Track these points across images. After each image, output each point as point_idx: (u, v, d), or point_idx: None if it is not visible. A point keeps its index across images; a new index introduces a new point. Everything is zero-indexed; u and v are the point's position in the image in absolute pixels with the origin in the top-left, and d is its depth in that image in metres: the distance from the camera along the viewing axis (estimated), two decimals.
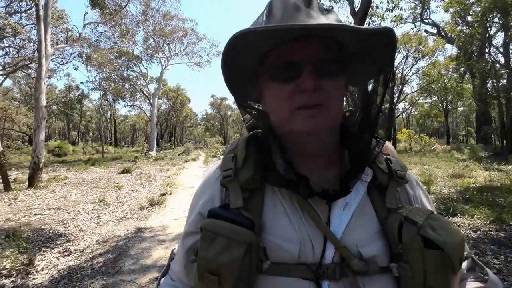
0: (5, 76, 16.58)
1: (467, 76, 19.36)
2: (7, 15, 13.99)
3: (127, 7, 15.54)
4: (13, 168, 11.18)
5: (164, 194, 6.49)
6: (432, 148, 17.41)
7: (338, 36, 0.46)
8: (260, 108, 0.58)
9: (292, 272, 0.45)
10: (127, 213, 5.09)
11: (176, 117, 41.09)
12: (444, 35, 20.75)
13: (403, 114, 40.89)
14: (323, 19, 0.45)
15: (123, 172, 10.58)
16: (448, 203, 4.28)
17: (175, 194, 6.75)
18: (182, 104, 38.99)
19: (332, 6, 0.53)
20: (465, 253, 0.43)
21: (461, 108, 35.73)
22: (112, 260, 3.13)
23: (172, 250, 0.65)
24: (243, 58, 0.49)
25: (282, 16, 0.45)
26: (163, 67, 23.07)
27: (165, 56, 23.28)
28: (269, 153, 0.51)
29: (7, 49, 16.16)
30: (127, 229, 4.22)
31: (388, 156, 0.54)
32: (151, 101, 22.62)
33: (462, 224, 3.66)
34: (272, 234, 0.47)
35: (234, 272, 0.42)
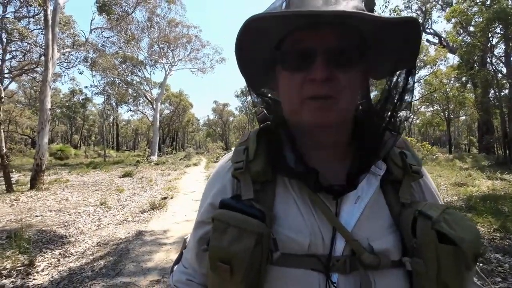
0: (10, 79, 16.78)
1: (469, 85, 19.40)
2: (16, 20, 14.28)
3: (133, 14, 15.81)
4: (14, 171, 11.20)
5: (165, 198, 6.48)
6: (434, 156, 17.32)
7: (357, 23, 0.43)
8: (273, 97, 0.58)
9: (302, 263, 0.45)
10: (128, 216, 5.08)
11: (178, 122, 41.25)
12: (445, 44, 20.91)
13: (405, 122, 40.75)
14: (342, 5, 0.42)
15: (124, 176, 10.59)
16: None
17: (176, 198, 6.73)
18: (184, 110, 39.19)
19: None
20: (481, 250, 0.42)
21: (463, 117, 35.69)
22: (112, 262, 3.12)
23: (185, 239, 0.65)
24: (259, 44, 0.48)
25: (299, 0, 0.43)
26: (167, 73, 23.29)
27: (168, 62, 23.52)
28: (280, 145, 0.51)
29: (13, 53, 16.46)
30: (128, 232, 4.20)
31: (403, 150, 0.53)
32: (154, 106, 22.76)
33: None
34: (282, 225, 0.47)
35: (245, 261, 0.42)
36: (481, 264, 2.66)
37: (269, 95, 0.59)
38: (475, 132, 32.01)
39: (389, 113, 0.50)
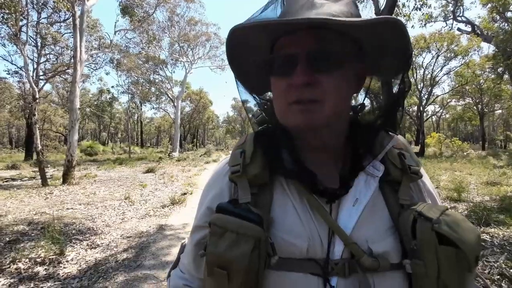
0: (45, 81, 18.02)
1: (506, 76, 17.91)
2: (48, 25, 15.26)
3: (154, 14, 16.28)
4: (49, 166, 12.08)
5: (185, 194, 6.67)
6: (465, 153, 16.28)
7: (339, 27, 0.43)
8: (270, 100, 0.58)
9: (300, 268, 0.45)
10: (150, 210, 5.30)
11: (199, 119, 42.16)
12: (479, 33, 19.37)
13: (433, 117, 38.80)
14: (328, 7, 0.43)
15: (147, 171, 11.02)
16: (480, 212, 3.98)
17: (195, 193, 6.91)
18: (204, 107, 39.93)
19: None
20: (481, 252, 0.43)
21: (499, 111, 33.13)
22: (134, 254, 3.28)
23: (182, 243, 0.65)
24: (252, 52, 0.49)
25: (285, 9, 0.45)
26: (187, 71, 23.81)
27: (189, 60, 24.02)
28: (278, 148, 0.51)
29: (47, 56, 17.62)
30: (149, 225, 4.39)
31: (401, 151, 0.53)
32: (175, 104, 23.41)
33: (496, 235, 3.38)
34: (280, 229, 0.47)
35: (243, 266, 0.42)
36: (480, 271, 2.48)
37: (267, 97, 0.60)
38: None
39: (384, 112, 0.51)
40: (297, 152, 0.51)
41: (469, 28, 20.35)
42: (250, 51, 0.50)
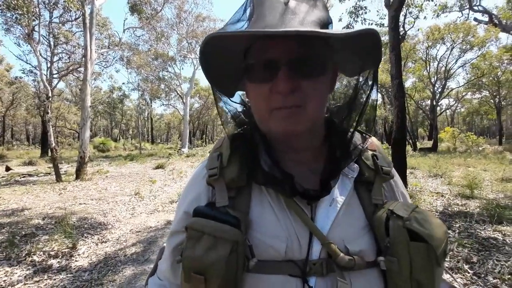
0: (58, 79, 18.50)
1: None
2: (60, 24, 15.60)
3: (162, 11, 16.36)
4: (63, 162, 12.46)
5: None
6: (480, 148, 15.77)
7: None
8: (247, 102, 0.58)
9: (279, 269, 0.45)
10: (158, 206, 5.40)
11: (208, 116, 42.41)
12: (497, 23, 18.53)
13: (447, 111, 37.73)
14: (297, 20, 0.42)
15: (157, 167, 11.21)
16: (492, 209, 3.87)
17: None
18: (213, 103, 40.09)
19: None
20: (448, 246, 0.44)
21: None
22: (142, 249, 3.36)
23: (160, 249, 0.63)
24: (226, 55, 0.48)
25: (258, 13, 0.44)
26: (195, 68, 23.90)
27: (197, 57, 24.09)
28: (255, 150, 0.51)
29: (60, 55, 18.07)
30: (157, 221, 4.48)
31: (374, 152, 0.54)
32: (184, 100, 23.61)
33: (508, 233, 3.28)
34: (259, 231, 0.46)
35: (220, 271, 0.41)
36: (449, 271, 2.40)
37: (243, 99, 0.59)
38: None
39: (355, 115, 0.51)
40: (275, 153, 0.50)
41: (486, 18, 19.47)
42: (224, 54, 0.48)
